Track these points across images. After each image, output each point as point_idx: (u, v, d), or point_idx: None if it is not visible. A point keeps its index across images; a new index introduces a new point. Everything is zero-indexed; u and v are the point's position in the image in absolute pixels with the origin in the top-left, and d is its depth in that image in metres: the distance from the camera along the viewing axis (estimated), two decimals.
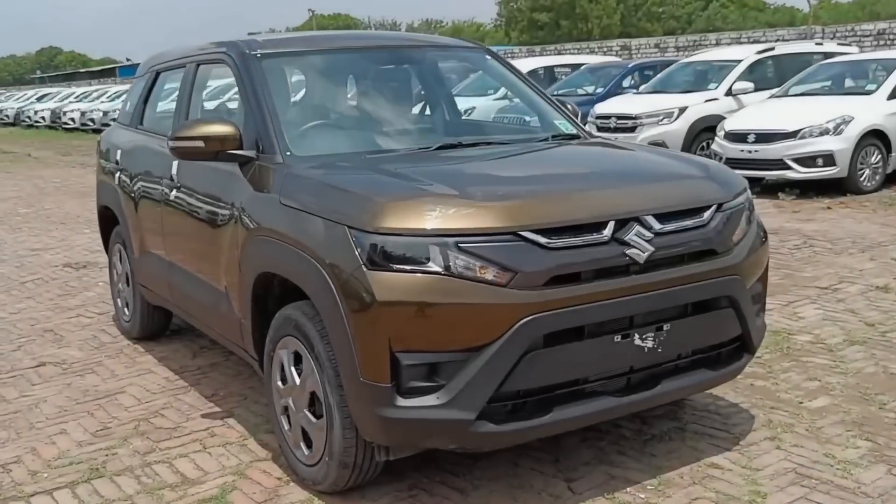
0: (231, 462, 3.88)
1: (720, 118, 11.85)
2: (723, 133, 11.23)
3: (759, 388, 4.45)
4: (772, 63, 13.51)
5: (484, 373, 3.00)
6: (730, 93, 12.67)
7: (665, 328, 3.31)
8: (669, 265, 3.32)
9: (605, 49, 25.56)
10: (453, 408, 3.01)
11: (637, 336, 3.25)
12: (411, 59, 4.89)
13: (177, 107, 4.85)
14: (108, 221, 5.90)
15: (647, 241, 3.23)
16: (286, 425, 3.65)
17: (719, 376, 3.65)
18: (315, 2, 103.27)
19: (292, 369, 3.53)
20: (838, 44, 15.48)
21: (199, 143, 3.84)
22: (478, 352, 3.00)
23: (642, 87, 14.40)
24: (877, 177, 10.70)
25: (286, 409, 3.62)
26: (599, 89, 15.28)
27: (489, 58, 4.93)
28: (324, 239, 3.22)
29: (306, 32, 4.76)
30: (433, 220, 3.03)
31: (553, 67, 18.62)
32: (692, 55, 15.62)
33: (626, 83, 15.66)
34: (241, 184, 3.88)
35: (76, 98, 36.56)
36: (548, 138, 4.37)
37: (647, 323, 3.28)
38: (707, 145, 12.04)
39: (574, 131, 4.49)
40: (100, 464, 3.92)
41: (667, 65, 14.99)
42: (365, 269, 3.02)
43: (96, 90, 36.42)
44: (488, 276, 3.00)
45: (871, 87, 11.35)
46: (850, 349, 4.97)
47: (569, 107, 4.74)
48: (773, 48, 13.87)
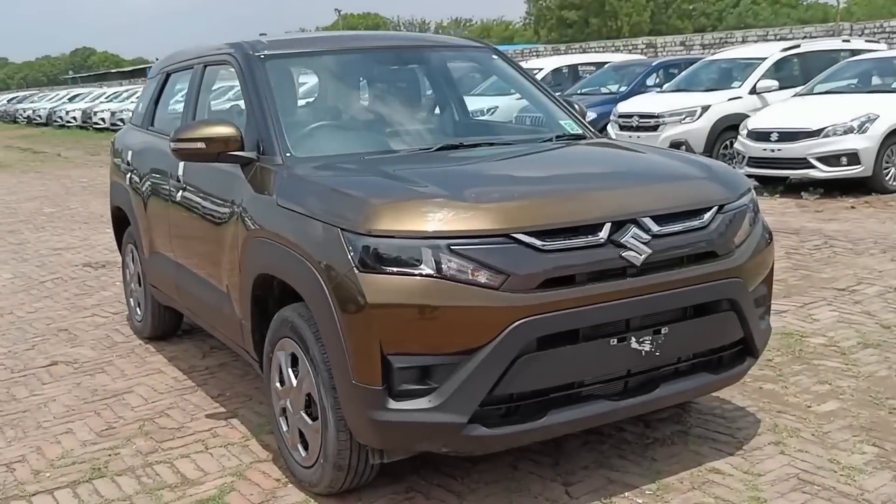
0: (231, 463, 3.89)
1: (744, 117, 11.70)
2: (745, 132, 11.09)
3: (768, 392, 4.38)
4: (797, 61, 13.33)
5: (476, 376, 2.98)
6: (754, 91, 12.50)
7: (663, 331, 3.26)
8: (668, 268, 3.27)
9: (630, 47, 25.38)
10: (445, 411, 2.99)
11: (634, 339, 3.21)
12: (417, 60, 4.87)
13: (184, 108, 4.87)
14: (120, 222, 5.94)
15: (645, 243, 3.19)
16: (284, 427, 3.65)
17: (721, 380, 3.59)
18: (345, 1, 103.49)
19: (289, 371, 3.53)
20: (866, 41, 15.25)
21: (201, 145, 3.85)
22: (470, 355, 2.98)
23: (665, 86, 14.28)
24: None
25: (284, 410, 3.63)
26: (623, 88, 15.18)
27: (496, 57, 4.90)
28: (317, 241, 3.22)
29: (314, 33, 4.75)
30: (425, 222, 3.02)
31: (577, 66, 18.53)
32: (717, 53, 15.46)
33: (650, 81, 15.54)
34: (243, 185, 3.89)
35: (107, 98, 36.93)
36: (552, 139, 4.33)
37: (644, 326, 3.24)
38: (730, 144, 11.92)
39: (580, 131, 4.45)
40: (102, 464, 3.94)
41: (691, 63, 14.84)
42: (356, 271, 3.01)
43: (127, 90, 36.77)
44: (481, 279, 2.98)
45: None
46: (863, 352, 4.89)
47: (576, 107, 4.70)
48: (799, 45, 13.66)
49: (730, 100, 12.43)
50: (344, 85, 4.64)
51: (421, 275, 2.97)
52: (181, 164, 4.53)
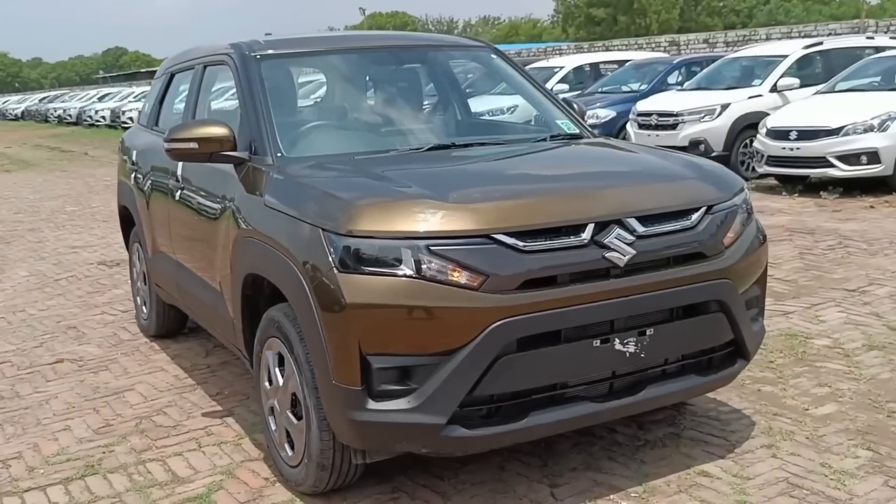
0: (223, 461, 3.91)
1: (764, 115, 11.56)
2: (764, 130, 10.97)
3: (766, 394, 4.33)
4: (820, 58, 13.16)
5: (454, 377, 2.97)
6: (774, 89, 12.36)
7: (648, 333, 3.23)
8: (654, 269, 3.24)
9: (653, 45, 25.17)
10: (423, 412, 2.99)
11: (618, 341, 3.18)
12: (414, 59, 4.87)
13: (185, 108, 4.91)
14: (127, 221, 6.01)
15: (629, 244, 3.16)
16: (273, 426, 3.67)
17: (710, 382, 3.55)
18: (373, 1, 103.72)
19: (276, 370, 3.54)
20: (891, 37, 14.99)
21: (193, 145, 3.87)
22: (449, 356, 2.97)
23: (686, 84, 14.15)
24: None
25: (272, 409, 3.64)
26: (644, 86, 15.05)
27: (495, 56, 4.89)
28: (300, 241, 3.22)
29: (313, 34, 4.75)
30: (405, 222, 3.01)
31: (598, 64, 18.41)
32: (739, 50, 15.31)
33: (671, 79, 15.39)
34: (236, 185, 3.91)
35: (135, 98, 37.23)
36: (546, 138, 4.31)
37: (629, 327, 3.21)
38: (750, 143, 11.79)
39: (577, 131, 4.42)
40: (96, 461, 3.98)
41: (713, 61, 14.70)
42: (336, 271, 3.01)
43: None
44: (460, 280, 2.97)
45: None
46: (867, 354, 4.82)
47: (575, 107, 4.68)
48: (821, 43, 13.48)
49: (750, 98, 12.29)
50: (339, 85, 4.64)
51: (400, 275, 2.96)
52: (180, 163, 4.56)
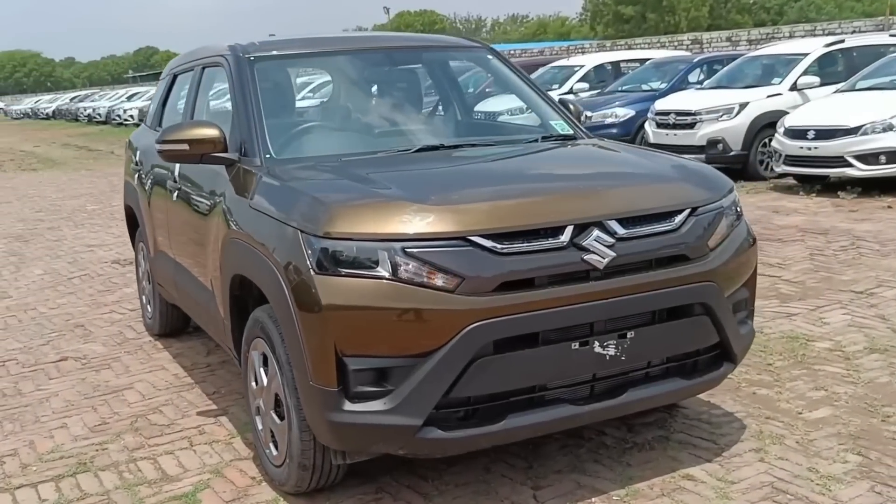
0: (212, 460, 3.94)
1: (783, 114, 11.43)
2: (782, 129, 10.86)
3: (761, 397, 4.29)
4: (841, 56, 12.98)
5: (430, 379, 2.97)
6: (794, 87, 12.22)
7: (629, 335, 3.21)
8: (635, 271, 3.22)
9: (675, 43, 24.97)
10: (399, 414, 2.99)
11: (597, 343, 3.16)
12: (409, 61, 4.87)
13: (184, 109, 4.95)
14: (133, 220, 6.05)
15: (609, 246, 3.14)
16: (259, 425, 3.69)
17: (695, 385, 3.53)
18: (399, 1, 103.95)
19: (261, 370, 3.56)
20: None
21: (185, 146, 3.90)
22: (424, 358, 2.97)
23: (706, 83, 14.03)
24: None
25: (258, 409, 3.66)
26: (664, 85, 14.94)
27: (491, 57, 4.88)
28: (280, 242, 3.24)
29: (309, 35, 4.77)
30: (381, 224, 3.02)
31: (619, 63, 18.30)
32: (760, 48, 15.15)
33: (692, 78, 15.24)
34: (226, 186, 3.93)
35: None
36: (537, 139, 4.29)
37: (608, 330, 3.19)
38: (769, 142, 11.66)
39: (570, 132, 4.40)
40: (88, 458, 4.03)
41: (734, 59, 14.56)
42: (313, 272, 3.03)
43: None
44: (436, 282, 2.97)
45: None
46: (867, 357, 4.76)
47: (571, 107, 4.65)
48: (843, 41, 13.31)
49: (769, 97, 12.15)
50: (333, 86, 4.66)
51: (377, 277, 2.97)
52: (178, 164, 4.60)
